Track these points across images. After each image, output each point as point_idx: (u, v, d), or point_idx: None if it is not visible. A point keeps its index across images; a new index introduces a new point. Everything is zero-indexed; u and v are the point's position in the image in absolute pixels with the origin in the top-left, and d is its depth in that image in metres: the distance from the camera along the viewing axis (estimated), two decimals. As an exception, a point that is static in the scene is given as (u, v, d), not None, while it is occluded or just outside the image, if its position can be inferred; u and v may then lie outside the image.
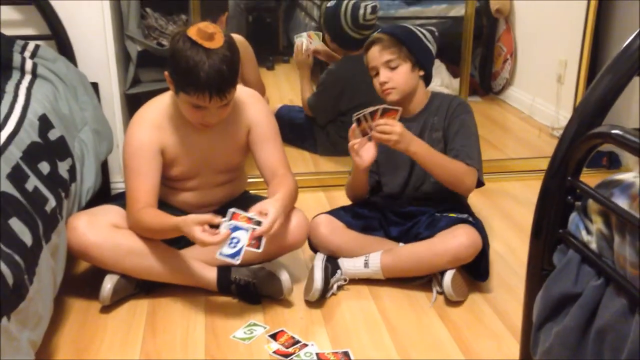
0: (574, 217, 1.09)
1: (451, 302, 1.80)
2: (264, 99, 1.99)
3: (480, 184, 1.87)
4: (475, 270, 1.85)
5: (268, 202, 1.66)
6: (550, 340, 1.07)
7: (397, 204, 1.95)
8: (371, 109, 1.74)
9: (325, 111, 2.92)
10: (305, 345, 1.61)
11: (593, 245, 1.03)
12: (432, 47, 1.91)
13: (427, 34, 1.91)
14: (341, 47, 2.91)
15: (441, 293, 1.81)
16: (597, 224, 1.01)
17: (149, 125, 1.77)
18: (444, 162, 1.80)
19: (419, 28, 1.92)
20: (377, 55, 1.85)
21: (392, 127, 1.72)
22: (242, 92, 1.85)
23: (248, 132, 1.85)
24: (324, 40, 2.97)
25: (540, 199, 1.15)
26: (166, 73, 1.69)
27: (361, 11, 2.78)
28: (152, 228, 1.71)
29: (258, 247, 1.58)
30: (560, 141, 1.10)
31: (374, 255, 1.84)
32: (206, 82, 1.59)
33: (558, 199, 1.11)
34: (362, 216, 1.94)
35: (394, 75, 1.84)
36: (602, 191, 1.01)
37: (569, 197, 1.10)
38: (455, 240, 1.76)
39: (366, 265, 1.83)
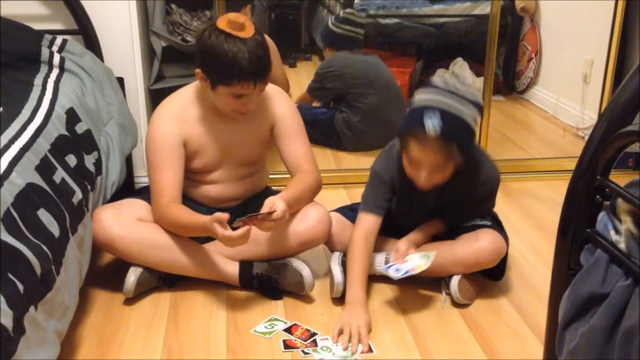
0: (602, 216, 1.08)
1: (474, 303, 1.79)
2: (288, 96, 2.00)
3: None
4: (490, 270, 1.83)
5: (275, 197, 1.67)
6: (576, 340, 1.06)
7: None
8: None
9: (324, 96, 3.08)
10: (319, 338, 1.61)
11: (622, 245, 1.01)
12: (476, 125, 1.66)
13: (476, 113, 1.63)
14: (330, 47, 3.08)
15: (449, 294, 1.80)
16: (627, 224, 1.00)
17: (171, 118, 1.78)
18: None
19: (471, 99, 1.61)
20: (430, 160, 1.62)
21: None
22: (267, 87, 1.85)
23: (272, 127, 1.86)
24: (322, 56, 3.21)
25: (568, 198, 1.13)
26: (198, 70, 1.70)
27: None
28: (179, 224, 1.72)
29: None
30: (589, 140, 1.09)
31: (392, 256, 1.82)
32: (249, 70, 1.63)
33: (586, 198, 1.10)
34: None
35: (437, 176, 1.66)
36: (632, 191, 1.00)
37: (597, 197, 1.09)
38: (477, 245, 1.74)
39: (387, 262, 1.83)
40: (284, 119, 1.86)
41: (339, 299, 1.77)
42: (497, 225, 1.86)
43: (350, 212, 1.93)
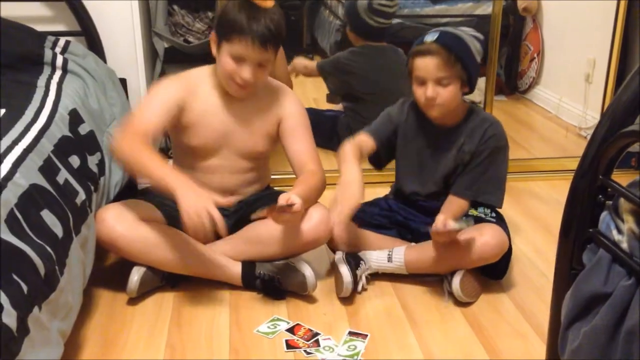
0: (604, 216, 1.08)
1: (477, 302, 1.79)
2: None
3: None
4: (492, 269, 1.83)
5: (289, 193, 1.68)
6: (578, 340, 1.06)
7: (414, 201, 1.93)
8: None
9: (332, 75, 2.91)
10: (321, 338, 1.62)
11: (624, 245, 1.01)
12: (479, 58, 1.80)
13: (477, 45, 1.78)
14: (359, 36, 2.88)
15: (452, 293, 1.80)
16: (629, 224, 1.00)
17: (180, 83, 1.81)
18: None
19: (471, 33, 1.79)
20: (430, 68, 1.72)
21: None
22: (275, 82, 1.88)
23: (279, 123, 1.87)
24: (344, 33, 2.94)
25: (570, 198, 1.14)
26: (212, 33, 1.76)
27: None
28: (137, 160, 1.66)
29: None
30: (592, 139, 1.09)
31: (398, 249, 1.83)
32: (250, 28, 1.67)
33: (588, 198, 1.10)
34: (375, 214, 1.94)
35: (443, 92, 1.74)
36: (634, 190, 1.00)
37: (600, 196, 1.09)
38: (481, 240, 1.75)
39: (389, 259, 1.83)
40: (292, 117, 1.87)
41: (345, 299, 1.78)
42: (501, 222, 1.86)
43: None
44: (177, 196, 1.57)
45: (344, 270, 1.76)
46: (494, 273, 1.86)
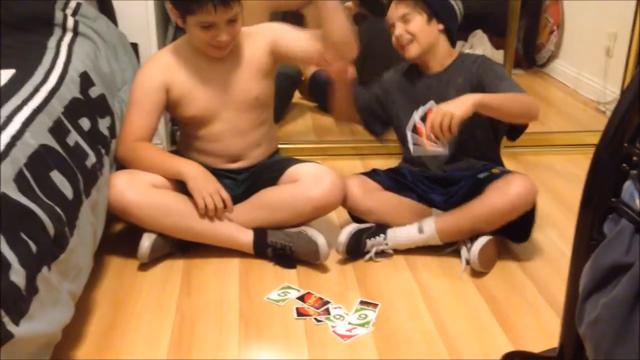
0: (628, 185, 1.05)
1: (489, 274, 1.77)
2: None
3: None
4: (517, 231, 1.79)
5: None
6: (597, 311, 1.03)
7: (432, 170, 1.90)
8: (409, 133, 1.74)
9: None
10: (331, 306, 1.61)
11: (648, 215, 0.98)
12: (455, 3, 1.88)
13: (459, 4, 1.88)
14: (369, 11, 2.90)
15: (468, 261, 1.77)
16: (654, 193, 0.97)
17: (158, 64, 1.83)
18: (507, 96, 1.69)
19: None
20: (393, 10, 1.85)
21: (439, 119, 1.58)
22: (247, 28, 1.86)
23: (270, 49, 1.84)
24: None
25: (593, 166, 1.10)
26: (169, 6, 1.75)
27: None
28: (147, 164, 1.77)
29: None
30: (618, 105, 1.05)
31: (427, 220, 1.80)
32: None
33: (612, 167, 1.06)
34: (397, 178, 1.91)
35: (409, 27, 1.83)
36: (661, 158, 0.96)
37: (624, 165, 1.05)
38: (511, 190, 1.70)
39: (420, 230, 1.79)
40: (278, 30, 1.86)
41: (357, 269, 1.76)
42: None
43: (374, 174, 1.90)
44: (188, 181, 1.73)
45: (344, 232, 1.77)
46: (518, 235, 1.82)
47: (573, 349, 1.22)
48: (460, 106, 1.59)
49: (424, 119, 1.74)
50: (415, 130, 1.76)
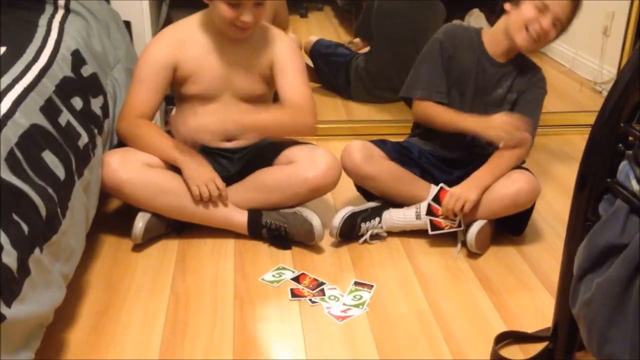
0: (624, 165, 1.04)
1: (484, 256, 1.77)
2: (290, 38, 1.96)
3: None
4: (512, 224, 1.81)
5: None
6: (591, 291, 1.03)
7: (442, 149, 1.89)
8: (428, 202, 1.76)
9: (368, 33, 2.94)
10: (326, 287, 1.61)
11: (644, 195, 0.97)
12: None
13: None
14: None
15: (464, 243, 1.77)
16: (650, 173, 0.96)
17: (167, 40, 1.81)
18: (504, 170, 1.77)
19: None
20: (563, 6, 1.79)
21: (453, 203, 1.71)
22: (272, 28, 1.87)
23: (271, 65, 1.83)
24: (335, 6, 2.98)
25: (589, 147, 1.09)
26: None
27: None
28: (145, 142, 1.76)
29: None
30: (615, 84, 1.04)
31: (425, 204, 1.78)
32: None
33: (608, 147, 1.06)
34: (403, 152, 1.88)
35: (554, 26, 1.82)
36: (657, 138, 0.95)
37: (620, 145, 1.05)
38: (514, 185, 1.72)
39: (418, 217, 1.79)
40: (283, 58, 1.83)
41: (352, 250, 1.76)
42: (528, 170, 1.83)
43: (382, 143, 1.87)
44: (182, 168, 1.73)
45: (338, 215, 1.77)
46: (514, 228, 1.83)
47: (567, 329, 1.23)
48: (474, 190, 1.72)
49: (435, 199, 1.75)
50: (430, 210, 1.76)
